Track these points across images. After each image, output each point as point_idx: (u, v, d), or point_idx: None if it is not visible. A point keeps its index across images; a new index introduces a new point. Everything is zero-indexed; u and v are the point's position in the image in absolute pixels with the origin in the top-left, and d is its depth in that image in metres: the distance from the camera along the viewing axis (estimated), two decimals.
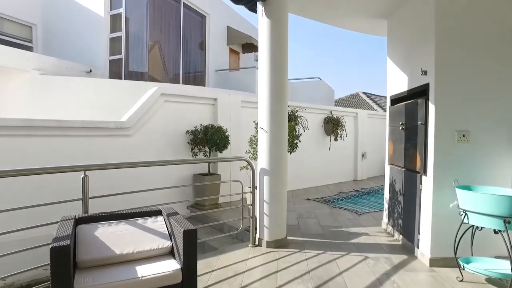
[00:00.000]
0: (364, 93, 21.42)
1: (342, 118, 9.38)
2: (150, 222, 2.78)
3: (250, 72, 12.27)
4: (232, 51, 13.98)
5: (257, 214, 4.29)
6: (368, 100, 20.25)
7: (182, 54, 11.28)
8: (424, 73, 3.68)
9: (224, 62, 13.19)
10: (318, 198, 7.44)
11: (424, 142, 3.68)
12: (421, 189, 3.78)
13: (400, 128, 4.31)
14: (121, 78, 9.38)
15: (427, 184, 3.65)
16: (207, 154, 6.27)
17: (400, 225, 4.37)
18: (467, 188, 3.32)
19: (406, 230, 4.20)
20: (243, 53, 14.51)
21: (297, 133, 5.76)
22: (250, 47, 13.86)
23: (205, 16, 12.20)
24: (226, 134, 6.30)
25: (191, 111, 6.47)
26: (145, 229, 2.67)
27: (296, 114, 7.85)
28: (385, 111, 17.31)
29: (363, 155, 10.38)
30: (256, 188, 4.31)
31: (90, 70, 9.09)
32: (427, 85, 3.64)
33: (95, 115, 6.74)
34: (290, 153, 4.97)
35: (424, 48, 3.78)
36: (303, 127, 8.10)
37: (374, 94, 21.88)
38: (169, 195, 6.00)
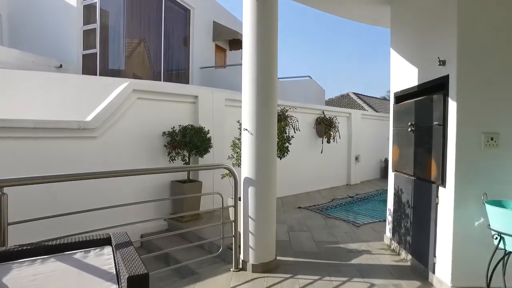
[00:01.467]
0: (355, 93, 20.96)
1: (335, 118, 8.76)
2: (92, 256, 2.05)
3: (237, 69, 11.53)
4: (218, 48, 13.26)
5: (241, 230, 3.60)
6: (358, 101, 19.78)
7: (164, 50, 10.49)
8: (442, 63, 3.05)
9: (210, 59, 12.45)
10: (310, 206, 6.78)
11: (442, 147, 3.05)
12: (437, 203, 3.15)
13: (409, 129, 3.68)
14: (96, 75, 8.57)
15: (446, 197, 3.02)
16: (186, 158, 5.54)
17: (409, 243, 3.74)
18: (498, 203, 2.70)
19: (417, 249, 3.56)
20: (230, 50, 13.80)
21: (287, 135, 5.10)
22: (238, 43, 13.14)
23: (189, 10, 11.44)
24: (208, 136, 5.59)
25: (169, 110, 5.74)
26: (84, 267, 1.95)
27: (286, 114, 7.19)
28: (377, 111, 16.86)
29: (356, 158, 9.79)
30: (240, 200, 3.62)
31: (61, 65, 8.24)
32: (446, 77, 3.01)
33: (63, 114, 5.94)
34: (280, 158, 4.29)
35: (441, 33, 3.15)
36: (294, 128, 7.44)
37: (364, 95, 21.46)
38: (142, 206, 5.27)
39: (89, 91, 6.59)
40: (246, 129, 3.40)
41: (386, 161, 11.03)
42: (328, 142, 8.57)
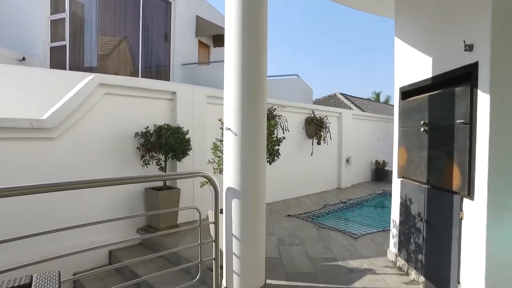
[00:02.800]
0: (342, 94, 20.60)
1: (325, 118, 8.23)
2: None
3: (222, 66, 10.85)
4: (201, 44, 12.56)
5: (223, 247, 2.96)
6: (346, 101, 19.41)
7: (142, 45, 9.73)
8: (469, 48, 2.50)
9: (192, 56, 11.73)
10: (300, 214, 6.19)
11: (469, 150, 2.50)
12: (461, 218, 2.60)
13: (422, 129, 3.13)
14: (65, 69, 7.76)
15: (474, 211, 2.47)
16: (162, 163, 4.86)
17: (421, 262, 3.18)
18: None
19: (432, 271, 3.01)
20: (214, 46, 13.11)
21: (275, 136, 4.46)
22: (222, 40, 12.44)
23: (170, 3, 10.70)
24: (187, 137, 4.93)
25: (143, 107, 5.05)
26: None
27: (274, 113, 6.59)
28: (363, 111, 16.50)
29: (347, 160, 9.28)
30: (222, 213, 2.99)
31: (23, 57, 7.40)
32: (474, 65, 2.47)
33: (24, 112, 5.16)
34: (270, 163, 3.68)
35: (466, 13, 2.61)
36: (283, 129, 6.85)
37: (351, 95, 21.13)
38: (113, 214, 4.58)
39: (54, 86, 5.81)
40: (229, 129, 2.77)
41: (377, 163, 10.59)
42: (319, 143, 8.02)
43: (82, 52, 8.31)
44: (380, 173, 10.52)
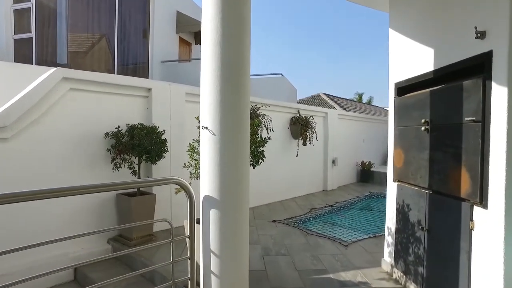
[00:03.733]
0: (326, 94, 20.45)
1: (311, 118, 7.92)
2: None
3: None
4: (182, 41, 12.07)
5: (199, 260, 2.56)
6: (330, 102, 19.25)
7: (118, 41, 9.17)
8: (481, 35, 2.20)
9: (173, 53, 11.23)
10: (286, 219, 5.84)
11: (481, 151, 2.19)
12: (472, 228, 2.29)
13: (423, 128, 2.82)
14: (31, 63, 7.16)
15: (487, 221, 2.16)
16: (135, 166, 4.40)
17: (421, 276, 2.87)
18: None
19: (436, 285, 2.70)
20: (196, 44, 12.64)
21: (259, 137, 4.04)
22: None
23: None
24: (163, 137, 4.50)
25: (114, 105, 4.58)
26: None
27: (258, 112, 6.23)
28: (347, 111, 16.40)
29: (333, 162, 9.01)
30: (198, 223, 2.58)
31: None
32: (487, 55, 2.16)
33: None
34: (254, 167, 3.29)
35: None
36: (267, 129, 6.50)
37: (335, 96, 21.02)
38: (80, 224, 4.10)
39: (17, 81, 5.24)
40: (206, 127, 2.37)
41: (363, 164, 10.38)
42: (304, 144, 7.70)
43: (51, 46, 7.71)
44: (366, 174, 10.31)
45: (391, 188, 3.49)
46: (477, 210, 2.26)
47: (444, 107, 2.63)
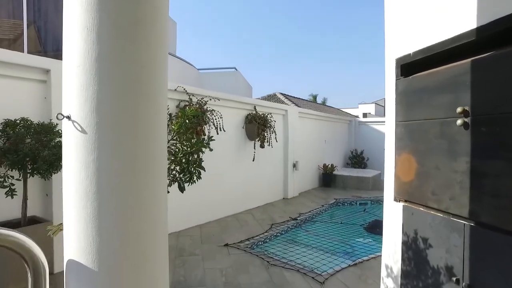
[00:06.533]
0: (282, 94, 19.61)
1: (270, 116, 6.82)
2: None
3: None
4: None
5: None
6: (286, 101, 18.40)
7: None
8: None
9: None
10: (242, 241, 4.63)
11: None
12: None
13: (459, 122, 1.77)
14: None
15: None
16: (14, 183, 2.93)
17: None
18: None
19: None
20: None
21: (203, 137, 2.78)
22: None
23: None
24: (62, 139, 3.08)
25: None
26: None
27: (206, 107, 4.98)
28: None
29: (294, 166, 7.98)
30: None
31: None
32: None
33: None
34: (182, 190, 1.98)
35: None
36: (217, 128, 5.26)
37: (292, 96, 20.29)
38: None
39: None
40: (68, 117, 1.10)
41: (325, 167, 9.52)
42: (262, 146, 6.56)
43: None
44: (328, 178, 9.44)
45: (392, 211, 2.43)
46: None
47: (498, 87, 1.59)
